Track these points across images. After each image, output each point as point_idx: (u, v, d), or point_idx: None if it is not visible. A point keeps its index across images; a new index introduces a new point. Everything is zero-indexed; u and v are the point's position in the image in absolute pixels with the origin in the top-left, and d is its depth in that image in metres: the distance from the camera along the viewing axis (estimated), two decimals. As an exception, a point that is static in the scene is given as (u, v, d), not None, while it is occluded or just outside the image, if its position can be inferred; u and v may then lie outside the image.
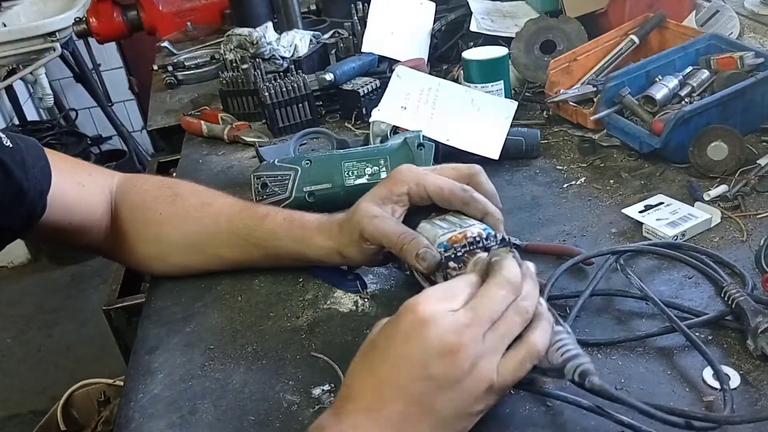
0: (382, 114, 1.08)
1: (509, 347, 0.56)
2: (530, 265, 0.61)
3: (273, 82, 1.33)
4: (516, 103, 1.11)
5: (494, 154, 1.06)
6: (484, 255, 0.65)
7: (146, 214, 0.89)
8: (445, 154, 1.07)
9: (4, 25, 2.84)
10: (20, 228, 0.80)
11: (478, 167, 0.77)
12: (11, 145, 0.76)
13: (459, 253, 0.67)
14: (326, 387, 0.69)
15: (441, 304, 0.55)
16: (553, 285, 0.76)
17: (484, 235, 0.67)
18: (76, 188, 0.86)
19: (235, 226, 0.85)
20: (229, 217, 0.86)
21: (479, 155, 1.06)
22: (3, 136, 0.75)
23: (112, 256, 0.94)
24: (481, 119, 1.09)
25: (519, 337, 0.56)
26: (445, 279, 0.68)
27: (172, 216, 0.88)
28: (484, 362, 0.54)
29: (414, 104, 1.09)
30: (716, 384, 0.62)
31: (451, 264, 0.67)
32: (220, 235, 0.86)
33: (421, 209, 0.76)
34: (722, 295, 0.71)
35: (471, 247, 0.67)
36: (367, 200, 0.76)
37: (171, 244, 0.89)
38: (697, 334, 0.69)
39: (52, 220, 0.82)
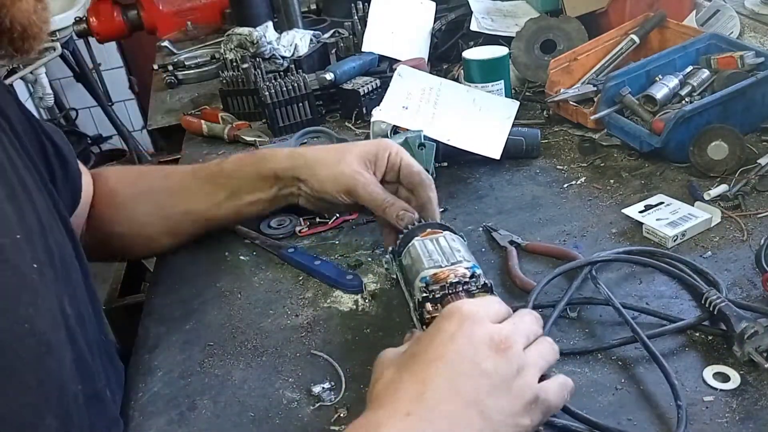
0: (384, 113, 1.08)
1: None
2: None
3: (273, 81, 1.32)
4: (518, 102, 1.11)
5: (495, 153, 1.06)
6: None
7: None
8: (446, 153, 1.07)
9: (5, 25, 2.84)
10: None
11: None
12: None
13: (437, 295, 0.67)
14: (326, 385, 0.69)
15: (481, 309, 0.57)
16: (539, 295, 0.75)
17: (468, 275, 0.67)
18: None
19: (198, 175, 0.91)
20: (193, 170, 0.93)
21: (480, 155, 1.06)
22: None
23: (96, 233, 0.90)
24: (482, 119, 1.08)
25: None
26: (421, 318, 0.68)
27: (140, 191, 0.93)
28: (527, 371, 0.54)
29: (416, 104, 1.09)
30: (717, 384, 0.62)
31: (429, 306, 0.67)
32: (187, 187, 0.91)
33: (417, 227, 0.78)
34: (703, 302, 0.70)
35: (451, 290, 0.67)
36: (355, 157, 0.83)
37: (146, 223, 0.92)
38: (696, 336, 0.69)
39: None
